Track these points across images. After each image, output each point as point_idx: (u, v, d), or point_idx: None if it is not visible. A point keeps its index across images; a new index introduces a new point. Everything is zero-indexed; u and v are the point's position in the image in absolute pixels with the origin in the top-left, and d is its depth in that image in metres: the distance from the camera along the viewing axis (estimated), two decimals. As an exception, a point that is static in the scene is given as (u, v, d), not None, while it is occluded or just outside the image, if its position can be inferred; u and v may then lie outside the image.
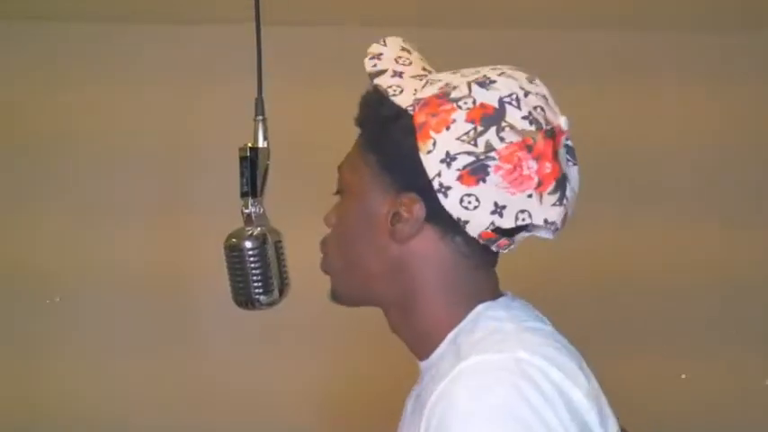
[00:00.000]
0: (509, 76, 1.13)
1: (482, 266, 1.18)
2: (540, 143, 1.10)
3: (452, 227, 1.13)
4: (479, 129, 1.09)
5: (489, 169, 1.09)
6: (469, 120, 1.10)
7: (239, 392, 2.42)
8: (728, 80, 2.49)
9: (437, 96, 1.12)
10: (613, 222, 2.46)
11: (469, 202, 1.10)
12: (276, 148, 1.38)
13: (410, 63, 1.19)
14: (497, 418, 1.03)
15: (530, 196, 1.10)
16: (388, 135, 1.15)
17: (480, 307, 1.16)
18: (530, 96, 1.12)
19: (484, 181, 1.09)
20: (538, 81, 1.16)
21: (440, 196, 1.11)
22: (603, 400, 1.14)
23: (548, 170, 1.10)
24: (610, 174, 2.44)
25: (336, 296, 1.25)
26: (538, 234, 1.16)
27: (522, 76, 1.15)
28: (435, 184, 1.10)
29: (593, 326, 2.44)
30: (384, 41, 1.22)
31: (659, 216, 2.49)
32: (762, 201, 2.52)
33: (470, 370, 1.06)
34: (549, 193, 1.11)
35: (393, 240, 1.15)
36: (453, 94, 1.11)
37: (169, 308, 2.46)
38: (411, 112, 1.12)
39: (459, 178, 1.09)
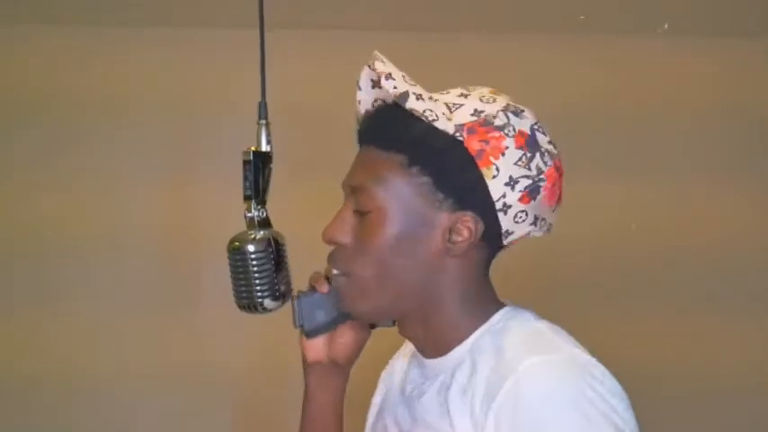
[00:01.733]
0: (517, 104, 1.26)
1: (488, 270, 1.29)
2: (560, 163, 1.26)
3: (496, 238, 1.25)
4: (528, 154, 1.23)
5: (540, 189, 1.23)
6: (518, 146, 1.23)
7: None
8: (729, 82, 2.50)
9: (479, 124, 1.22)
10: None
11: (521, 217, 1.24)
12: (279, 152, 1.38)
13: (415, 83, 1.25)
14: (579, 408, 1.12)
15: (551, 207, 1.26)
16: (444, 160, 1.22)
17: (505, 310, 1.27)
18: (540, 122, 1.26)
19: (535, 199, 1.23)
20: None
21: (500, 214, 1.22)
22: None
23: (562, 185, 1.27)
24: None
25: (358, 313, 1.30)
26: (537, 235, 1.30)
27: (523, 105, 1.27)
28: (499, 204, 1.22)
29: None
30: (381, 59, 1.26)
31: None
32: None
33: (539, 369, 1.16)
34: (559, 204, 1.27)
35: (447, 256, 1.24)
36: (497, 123, 1.23)
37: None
38: (460, 139, 1.22)
39: (521, 199, 1.23)
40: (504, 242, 1.25)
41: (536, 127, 1.24)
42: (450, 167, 1.22)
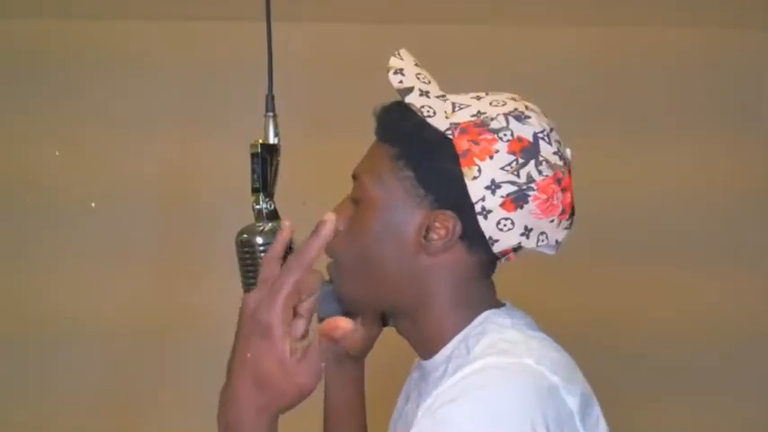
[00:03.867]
0: (532, 110, 1.22)
1: (487, 276, 1.27)
2: (566, 177, 1.22)
3: (480, 243, 1.21)
4: (520, 161, 1.19)
5: (529, 198, 1.19)
6: (510, 152, 1.19)
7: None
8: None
9: (475, 125, 1.20)
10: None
11: (505, 225, 1.20)
12: (286, 145, 1.39)
13: (429, 81, 1.25)
14: (479, 408, 1.09)
15: (551, 221, 1.21)
16: (429, 156, 1.21)
17: (487, 313, 1.24)
18: (553, 132, 1.22)
19: (521, 208, 1.19)
20: (545, 115, 1.25)
21: (479, 218, 1.19)
22: (597, 407, 1.20)
23: (568, 200, 1.22)
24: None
25: (345, 299, 1.29)
26: (541, 251, 1.27)
27: (536, 108, 1.24)
28: (478, 208, 1.19)
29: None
30: (399, 54, 1.27)
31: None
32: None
33: (479, 370, 1.13)
34: (566, 220, 1.23)
35: (422, 253, 1.22)
36: (492, 125, 1.20)
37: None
38: (450, 137, 1.20)
39: (502, 204, 1.20)
40: (494, 250, 1.22)
41: (541, 135, 1.20)
42: (433, 164, 1.21)
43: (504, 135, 1.19)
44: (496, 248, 1.22)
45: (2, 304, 2.50)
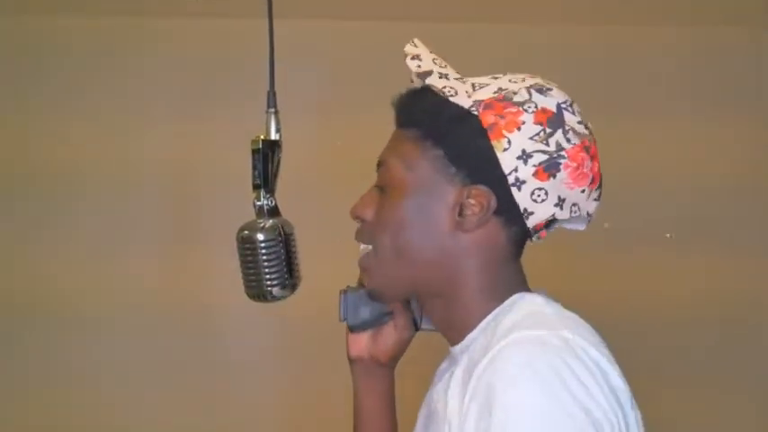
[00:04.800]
0: (551, 84, 1.24)
1: (516, 257, 1.26)
2: (593, 145, 1.22)
3: (515, 217, 1.22)
4: (548, 130, 1.20)
5: (560, 166, 1.19)
6: (537, 122, 1.20)
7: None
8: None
9: (498, 99, 1.21)
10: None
11: (539, 196, 1.20)
12: (288, 143, 1.39)
13: (446, 66, 1.26)
14: (546, 385, 1.06)
15: (582, 191, 1.22)
16: (456, 133, 1.22)
17: (517, 295, 1.23)
18: (574, 104, 1.23)
19: (554, 177, 1.20)
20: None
21: (513, 189, 1.20)
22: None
23: (597, 169, 1.23)
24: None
25: (378, 292, 1.30)
26: (571, 226, 1.28)
27: (553, 83, 1.25)
28: (511, 179, 1.20)
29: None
30: (414, 42, 1.28)
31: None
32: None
33: (517, 342, 1.11)
34: (595, 190, 1.23)
35: (458, 230, 1.22)
36: (516, 99, 1.21)
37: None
38: (475, 113, 1.20)
39: (535, 174, 1.19)
40: (528, 224, 1.22)
41: (564, 105, 1.21)
42: (462, 140, 1.21)
43: (529, 107, 1.20)
44: (531, 222, 1.22)
45: (0, 305, 2.49)
